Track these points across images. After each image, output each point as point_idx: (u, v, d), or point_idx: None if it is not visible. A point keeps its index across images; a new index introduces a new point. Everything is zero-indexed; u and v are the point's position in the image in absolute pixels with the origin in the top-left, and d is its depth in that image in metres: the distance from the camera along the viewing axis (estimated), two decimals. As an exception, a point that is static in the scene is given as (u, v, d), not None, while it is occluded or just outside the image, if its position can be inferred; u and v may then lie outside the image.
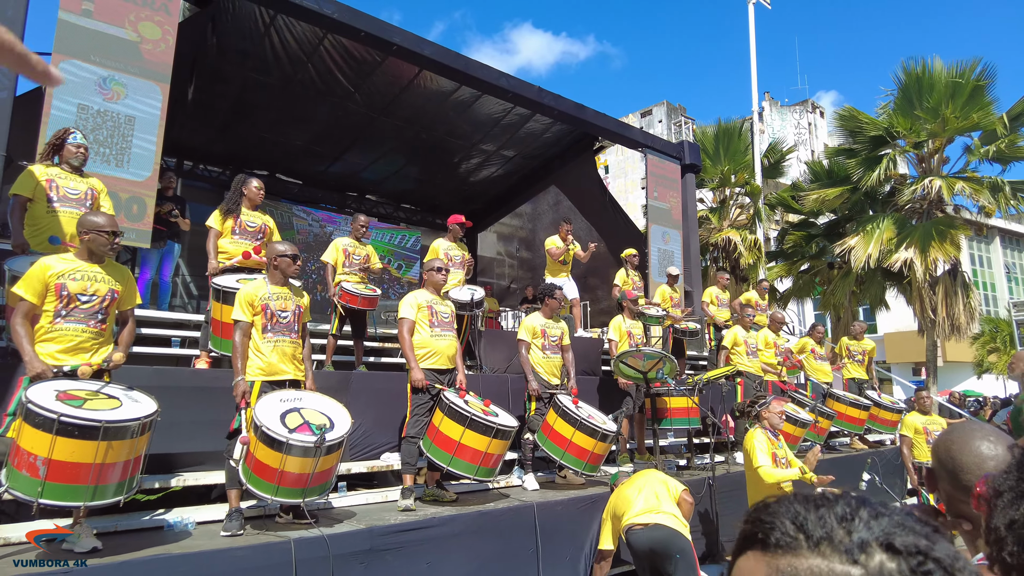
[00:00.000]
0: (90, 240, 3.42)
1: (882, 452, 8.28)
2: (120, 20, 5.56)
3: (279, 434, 3.46)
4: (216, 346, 4.94)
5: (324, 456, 3.58)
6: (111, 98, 5.48)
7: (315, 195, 12.72)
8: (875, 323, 28.19)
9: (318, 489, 3.69)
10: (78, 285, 3.37)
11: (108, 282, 3.49)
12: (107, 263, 3.55)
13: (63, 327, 3.32)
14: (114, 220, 3.57)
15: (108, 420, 2.94)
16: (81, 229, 3.45)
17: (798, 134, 44.98)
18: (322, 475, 3.66)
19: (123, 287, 3.58)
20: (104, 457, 2.93)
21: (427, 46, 7.89)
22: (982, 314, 18.35)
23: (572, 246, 8.08)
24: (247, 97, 9.42)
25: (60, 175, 4.28)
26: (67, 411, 2.87)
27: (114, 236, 3.49)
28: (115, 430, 2.97)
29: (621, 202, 13.75)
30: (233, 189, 5.38)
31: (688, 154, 11.22)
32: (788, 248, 16.16)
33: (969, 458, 1.19)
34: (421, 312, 4.82)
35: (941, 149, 13.48)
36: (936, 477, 1.27)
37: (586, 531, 4.84)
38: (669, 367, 6.17)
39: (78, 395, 3.06)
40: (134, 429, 3.05)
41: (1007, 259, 28.60)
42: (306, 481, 3.55)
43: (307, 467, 3.53)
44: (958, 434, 1.26)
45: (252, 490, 3.56)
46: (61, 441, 2.84)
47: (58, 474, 2.85)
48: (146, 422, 3.12)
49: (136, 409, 3.14)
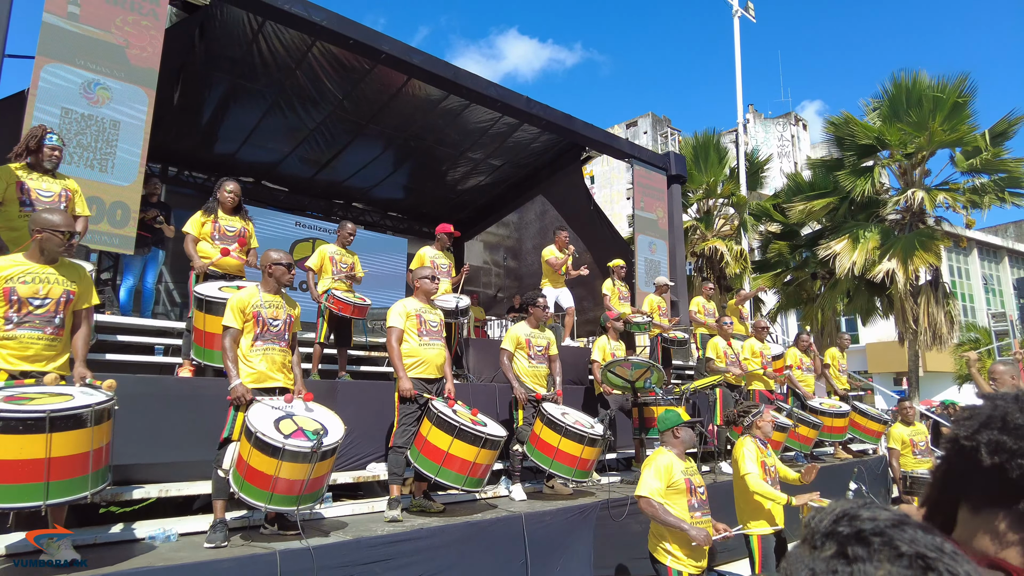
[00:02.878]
0: (43, 239, 3.22)
1: (866, 461, 8.34)
2: (107, 24, 5.50)
3: (275, 440, 3.40)
4: (198, 355, 4.84)
5: (319, 462, 3.54)
6: (96, 102, 5.40)
7: (301, 202, 12.63)
8: (857, 333, 28.52)
9: (311, 497, 3.63)
10: (29, 288, 3.18)
11: (62, 283, 3.30)
12: (61, 263, 3.36)
13: (16, 334, 3.14)
14: (70, 220, 3.42)
15: (54, 409, 2.78)
16: (34, 227, 3.23)
17: (781, 146, 45.53)
18: (316, 482, 3.62)
19: (79, 286, 3.39)
20: (55, 450, 2.76)
21: (416, 54, 7.89)
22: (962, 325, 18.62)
23: (570, 257, 8.09)
24: (234, 103, 9.36)
25: (32, 177, 4.12)
26: (6, 407, 2.73)
27: (70, 236, 3.32)
28: (63, 419, 2.80)
29: (607, 212, 13.82)
30: (213, 194, 5.37)
31: (674, 165, 11.30)
32: (772, 258, 16.30)
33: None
34: (410, 321, 4.78)
35: (924, 161, 13.70)
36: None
37: (575, 542, 4.81)
38: (657, 376, 6.19)
39: (25, 396, 2.91)
40: (87, 416, 2.88)
41: (984, 270, 29.08)
42: (300, 488, 3.50)
43: (302, 473, 3.48)
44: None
45: (244, 498, 3.48)
46: (4, 439, 2.68)
47: (5, 475, 2.69)
48: (101, 409, 2.95)
49: (88, 398, 2.99)
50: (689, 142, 16.03)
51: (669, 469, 3.83)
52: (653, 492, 3.73)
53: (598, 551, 4.96)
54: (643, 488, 3.77)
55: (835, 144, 14.43)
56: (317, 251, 6.27)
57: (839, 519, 0.61)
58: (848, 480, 5.96)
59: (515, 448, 5.40)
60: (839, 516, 0.61)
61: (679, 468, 3.88)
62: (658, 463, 3.86)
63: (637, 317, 8.05)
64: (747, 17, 16.07)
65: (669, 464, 3.85)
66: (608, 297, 8.17)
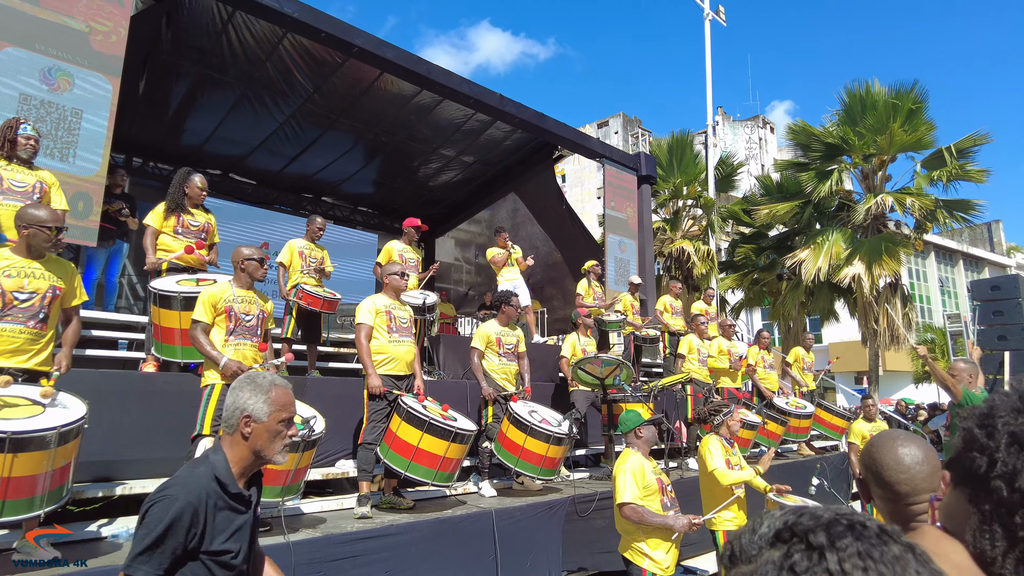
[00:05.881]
0: (30, 235, 3.21)
1: (829, 457, 8.55)
2: (69, 8, 5.35)
3: None
4: (159, 351, 4.70)
5: (304, 452, 3.56)
6: (56, 89, 5.24)
7: (270, 196, 12.44)
8: (820, 333, 29.18)
9: (295, 488, 3.66)
10: (13, 282, 3.15)
11: (48, 279, 3.28)
12: (48, 259, 3.33)
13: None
14: (58, 214, 3.39)
15: (14, 431, 2.69)
16: (20, 223, 3.22)
17: (749, 148, 46.32)
18: (300, 472, 3.68)
19: (66, 284, 3.37)
20: (12, 471, 2.68)
21: (389, 49, 7.83)
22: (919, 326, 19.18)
23: (514, 250, 8.17)
24: (202, 94, 9.16)
25: (5, 167, 4.06)
26: None
27: (57, 232, 3.29)
28: (22, 441, 2.71)
29: (578, 211, 13.90)
30: (175, 185, 5.19)
31: (644, 165, 11.42)
32: (739, 260, 16.61)
33: (888, 458, 1.37)
34: (379, 317, 4.75)
35: (884, 167, 14.10)
36: (866, 482, 1.45)
37: (545, 537, 4.85)
38: (626, 374, 6.26)
39: None
40: (50, 439, 2.79)
41: (941, 273, 30.01)
42: (286, 479, 3.52)
43: (290, 463, 3.49)
44: (879, 439, 1.45)
45: None
46: None
47: None
48: (66, 430, 2.87)
49: (57, 416, 2.91)
50: (661, 143, 16.24)
51: (643, 471, 3.79)
52: (636, 497, 3.68)
53: (567, 546, 5.01)
54: (625, 494, 3.69)
55: (798, 149, 14.84)
56: (286, 246, 6.20)
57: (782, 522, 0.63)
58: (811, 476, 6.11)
59: (484, 445, 5.42)
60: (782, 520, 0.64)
61: (649, 468, 3.87)
62: (632, 466, 3.79)
63: (611, 315, 8.14)
64: (718, 20, 16.28)
65: (641, 467, 3.81)
66: (581, 296, 8.24)
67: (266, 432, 1.84)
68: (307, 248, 6.20)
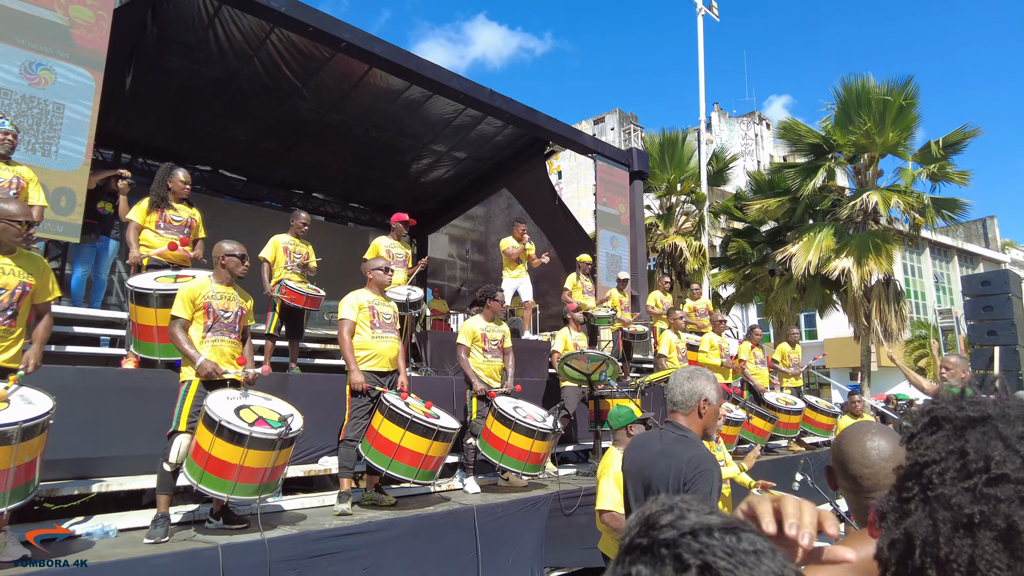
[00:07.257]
0: (0, 230, 3.16)
1: (816, 454, 8.55)
2: (49, 2, 5.29)
3: (240, 427, 3.40)
4: (137, 349, 4.67)
5: (282, 450, 3.57)
6: (38, 84, 5.20)
7: (260, 192, 12.39)
8: (815, 329, 29.26)
9: (272, 485, 3.67)
10: None
11: (19, 274, 3.22)
12: (19, 254, 3.27)
13: None
14: (28, 209, 3.36)
15: None
16: None
17: (745, 144, 46.28)
18: (277, 470, 3.65)
19: (37, 279, 3.31)
20: None
21: (377, 44, 7.78)
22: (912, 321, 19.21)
23: (528, 245, 8.15)
24: (189, 90, 9.11)
25: None
26: None
27: (28, 226, 3.24)
28: None
29: (574, 208, 13.88)
30: (158, 180, 5.14)
31: (636, 161, 11.39)
32: (732, 255, 16.61)
33: (855, 450, 1.36)
34: (362, 313, 4.73)
35: (875, 163, 14.11)
36: (833, 473, 1.43)
37: (527, 533, 4.83)
38: (612, 370, 6.24)
39: None
40: (12, 434, 2.75)
41: (936, 269, 30.03)
42: (263, 476, 3.52)
43: (266, 461, 3.50)
44: (850, 431, 1.42)
45: (205, 490, 3.44)
46: None
47: None
48: (29, 426, 2.82)
49: (21, 412, 2.87)
50: (654, 139, 16.22)
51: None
52: (616, 504, 3.51)
53: (550, 542, 4.99)
54: (605, 501, 3.57)
55: (790, 146, 14.88)
56: (270, 241, 6.16)
57: (641, 527, 0.55)
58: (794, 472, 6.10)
59: (468, 441, 5.40)
60: (641, 524, 0.56)
61: None
62: (615, 470, 3.57)
63: (600, 311, 8.13)
64: (711, 16, 16.23)
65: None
66: (569, 291, 8.22)
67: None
68: (291, 244, 6.17)
